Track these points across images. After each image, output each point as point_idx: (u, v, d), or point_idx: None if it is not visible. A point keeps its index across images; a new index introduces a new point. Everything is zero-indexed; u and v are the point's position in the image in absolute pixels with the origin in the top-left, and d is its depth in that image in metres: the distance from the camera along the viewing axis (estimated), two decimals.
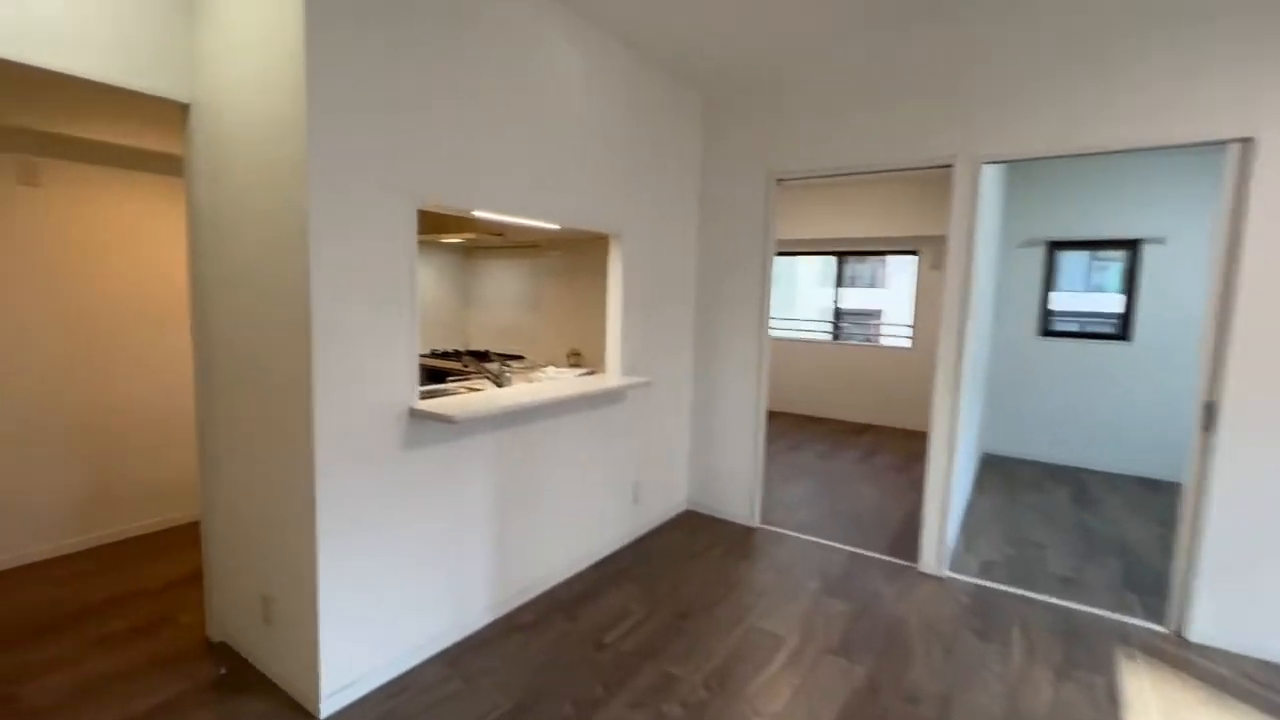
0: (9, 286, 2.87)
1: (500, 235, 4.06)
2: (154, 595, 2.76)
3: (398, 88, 2.05)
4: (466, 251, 4.75)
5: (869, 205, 6.65)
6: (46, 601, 2.67)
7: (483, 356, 4.29)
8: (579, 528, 3.09)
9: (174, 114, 2.13)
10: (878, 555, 3.44)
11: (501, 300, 4.62)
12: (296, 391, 1.92)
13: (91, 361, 3.16)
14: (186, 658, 2.31)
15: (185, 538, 3.36)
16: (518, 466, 2.68)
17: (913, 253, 7.00)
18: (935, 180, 6.18)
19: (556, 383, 2.98)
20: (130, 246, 3.24)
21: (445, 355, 4.33)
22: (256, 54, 1.94)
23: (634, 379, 3.16)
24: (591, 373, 3.33)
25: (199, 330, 2.31)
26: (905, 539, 3.66)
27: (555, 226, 2.87)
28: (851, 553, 3.47)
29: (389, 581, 2.17)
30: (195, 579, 2.86)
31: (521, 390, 2.70)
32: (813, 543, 3.60)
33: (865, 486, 4.73)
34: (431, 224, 3.74)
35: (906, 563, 3.34)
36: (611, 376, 3.23)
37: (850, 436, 6.47)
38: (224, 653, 2.35)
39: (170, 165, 3.28)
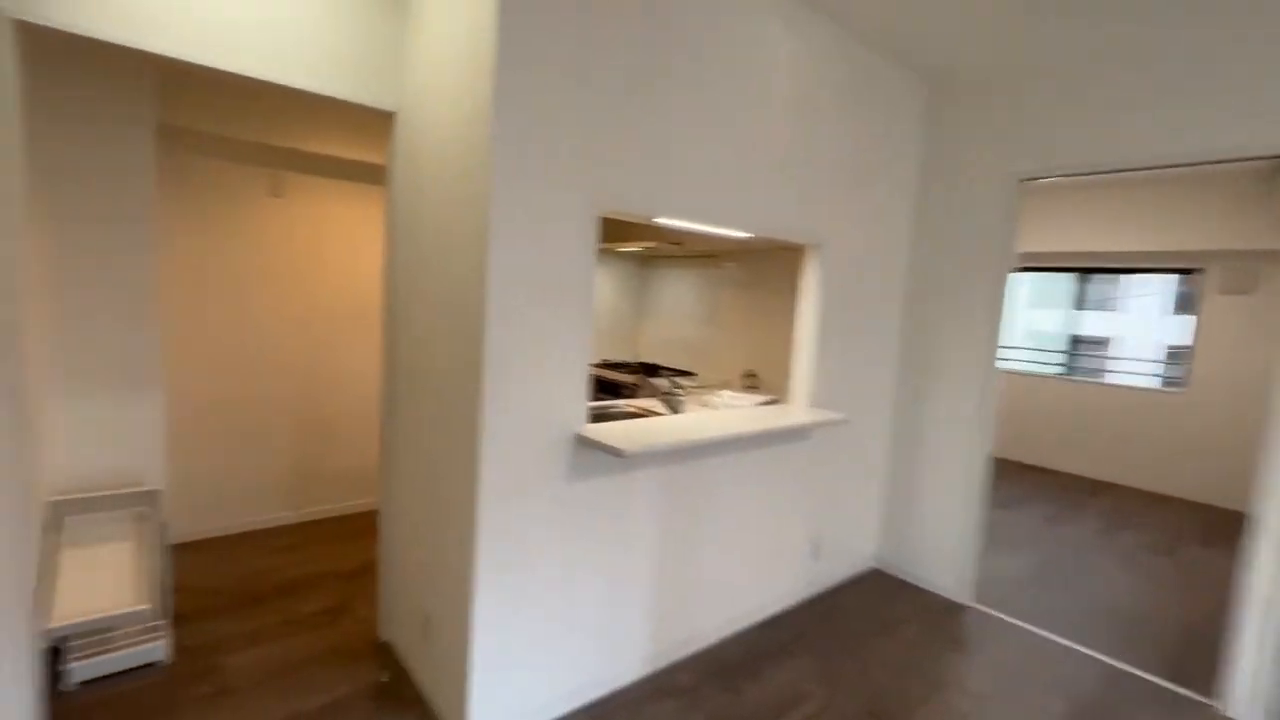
0: (259, 287, 3.26)
1: (678, 244, 3.82)
2: (341, 579, 2.93)
3: (587, 87, 1.86)
4: (642, 260, 4.61)
5: (1131, 212, 5.33)
6: (257, 571, 2.95)
7: (652, 371, 4.08)
8: (748, 579, 2.71)
9: (383, 125, 2.21)
10: (1148, 677, 2.57)
11: (674, 312, 4.39)
12: (466, 407, 1.81)
13: (311, 355, 3.49)
14: (356, 654, 2.36)
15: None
16: (684, 505, 2.37)
17: (1187, 271, 5.51)
18: (1227, 181, 4.75)
19: (736, 413, 2.62)
20: (348, 252, 3.55)
21: (615, 366, 4.21)
22: (451, 59, 1.87)
23: (826, 414, 2.69)
24: (773, 401, 2.93)
25: (388, 335, 2.35)
26: (1190, 659, 2.71)
27: (746, 235, 2.53)
28: (1107, 666, 2.63)
29: (544, 621, 1.99)
30: (375, 569, 2.99)
31: (698, 422, 2.39)
32: (1048, 640, 2.81)
33: (1116, 570, 3.69)
34: (611, 231, 3.61)
35: (1196, 696, 2.44)
36: (798, 409, 2.80)
37: (1083, 497, 5.23)
38: (388, 656, 2.35)
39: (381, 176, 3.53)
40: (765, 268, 3.55)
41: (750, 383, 3.59)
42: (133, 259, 2.44)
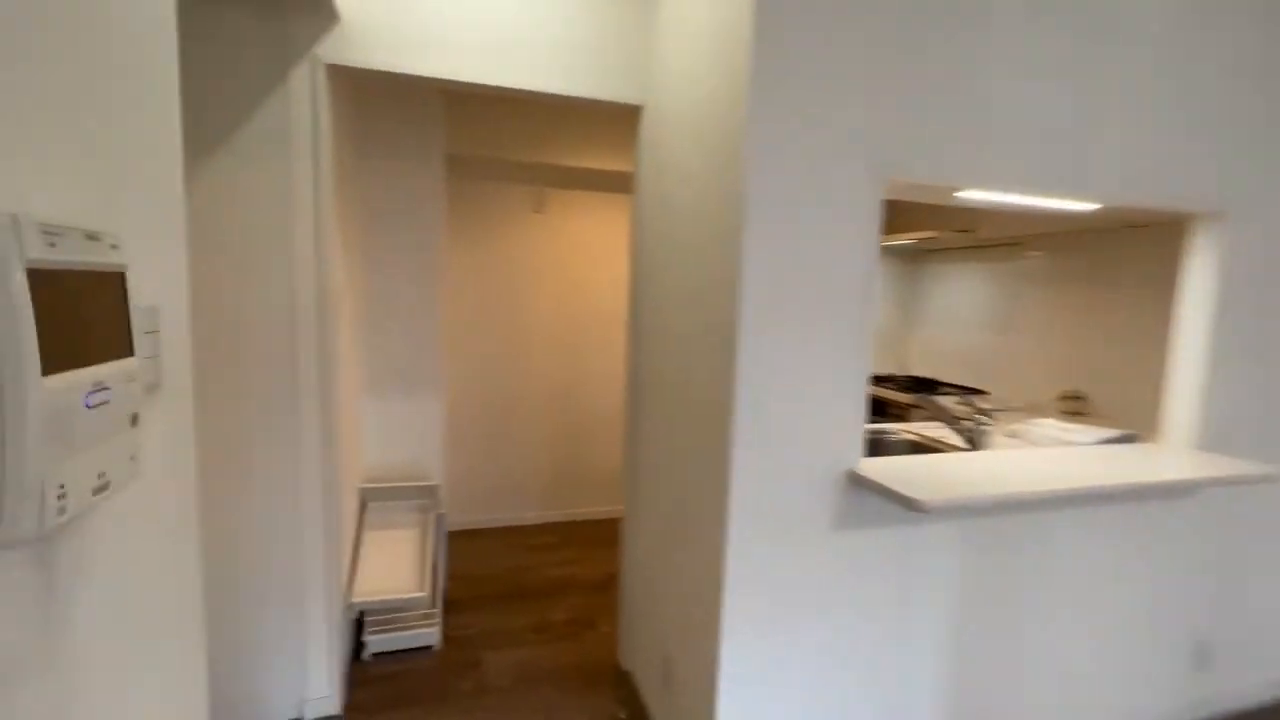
0: (520, 298, 3.50)
1: (966, 231, 3.09)
2: (589, 589, 2.93)
3: (868, 22, 1.44)
4: (913, 255, 3.90)
5: None
6: (518, 567, 3.12)
7: (927, 386, 3.39)
8: (1085, 686, 1.95)
9: (631, 123, 2.10)
10: None
11: (956, 316, 3.60)
12: (714, 431, 1.54)
13: (566, 361, 3.64)
14: (597, 677, 2.27)
15: None
16: (990, 570, 1.77)
17: None
18: None
19: (1075, 456, 1.91)
20: (600, 260, 3.61)
21: (880, 381, 3.60)
22: (702, 27, 1.62)
23: (1232, 466, 1.81)
24: (1126, 438, 2.10)
25: (632, 343, 2.21)
26: None
27: (1088, 208, 1.82)
28: None
29: (803, 696, 1.61)
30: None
31: (1023, 465, 1.77)
32: None
33: None
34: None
35: None
36: (1176, 454, 1.95)
37: None
38: (627, 689, 2.21)
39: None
40: (1096, 255, 2.64)
41: (1073, 407, 2.71)
42: (424, 279, 2.73)
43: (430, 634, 2.38)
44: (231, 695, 1.89)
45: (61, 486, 0.57)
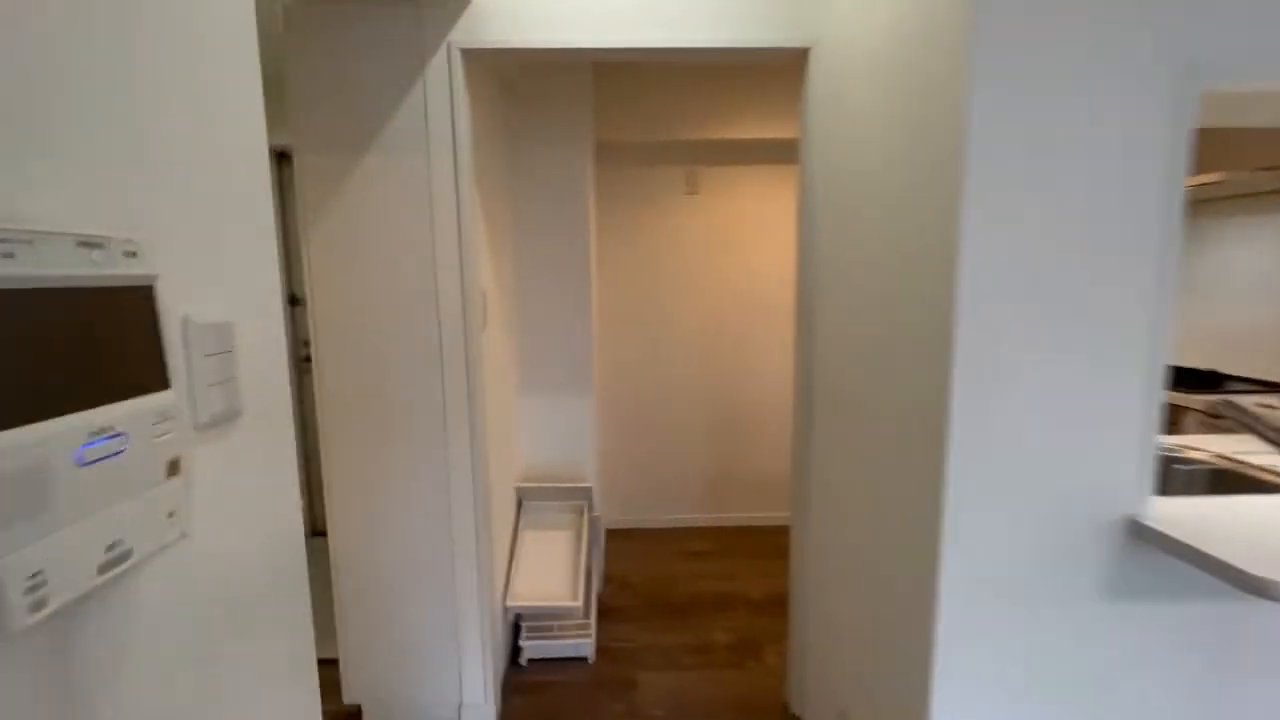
0: (674, 285, 3.27)
1: (1275, 169, 2.25)
2: (752, 608, 2.64)
3: None
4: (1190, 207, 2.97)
5: None
6: (672, 576, 2.92)
7: (1209, 382, 2.55)
8: None
9: (794, 77, 1.74)
10: None
11: (1248, 286, 2.67)
12: (918, 451, 1.16)
13: (724, 353, 3.34)
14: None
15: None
16: None
17: None
18: None
19: None
20: (760, 240, 3.25)
21: None
22: None
23: None
24: None
25: (801, 335, 1.86)
26: None
27: None
28: None
29: None
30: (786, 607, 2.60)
31: None
32: None
33: None
34: None
35: None
36: None
37: None
38: None
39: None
40: None
41: None
42: (574, 273, 2.61)
43: (584, 645, 2.28)
44: (387, 699, 1.92)
45: (34, 575, 0.43)
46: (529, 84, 2.49)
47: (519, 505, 2.60)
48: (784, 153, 3.10)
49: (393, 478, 1.83)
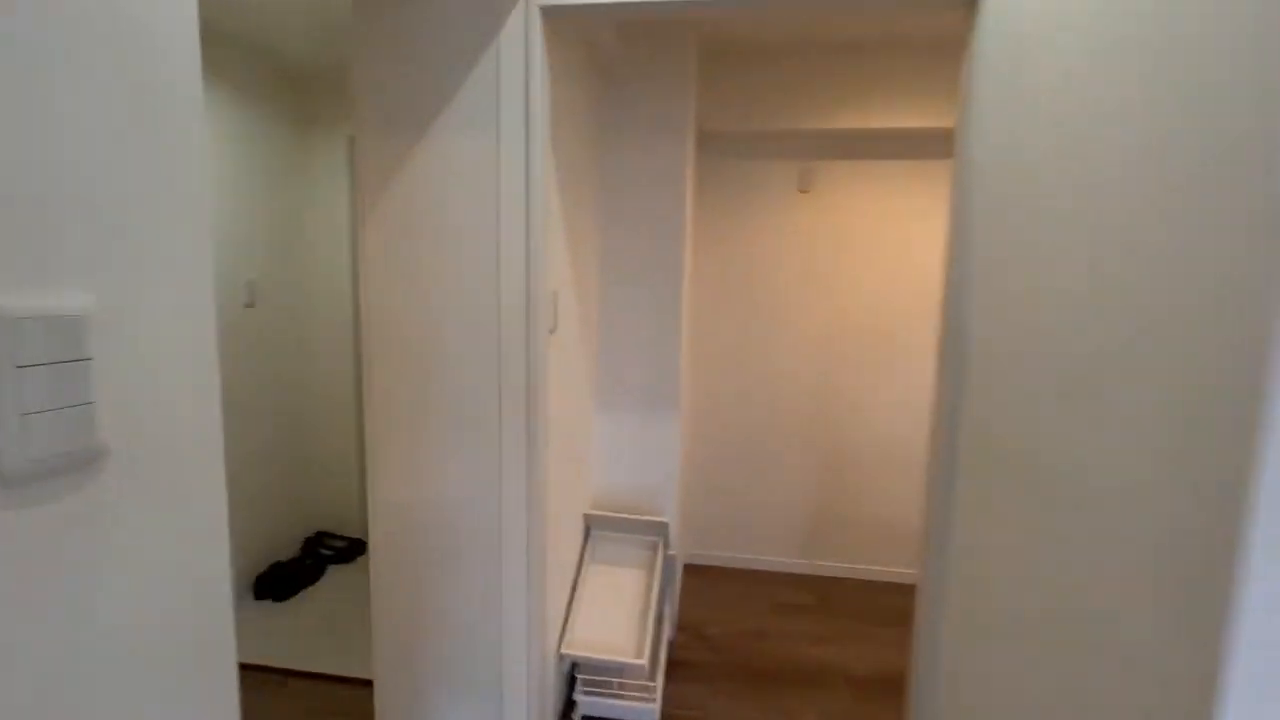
0: (777, 297, 2.88)
1: None
2: (854, 686, 2.19)
3: None
4: None
5: None
6: (757, 632, 2.52)
7: None
8: None
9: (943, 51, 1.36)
10: None
11: None
12: (1169, 568, 0.73)
13: (835, 376, 2.90)
14: None
15: (907, 603, 2.73)
16: None
17: None
18: None
19: None
20: (887, 248, 2.79)
21: None
22: None
23: None
24: None
25: (949, 366, 1.43)
26: None
27: None
28: None
29: None
30: (900, 688, 2.13)
31: None
32: None
33: None
34: None
35: None
36: None
37: None
38: None
39: (935, 146, 2.61)
40: None
41: None
42: (667, 278, 2.32)
43: (648, 710, 1.95)
44: None
45: None
46: (625, 68, 2.24)
47: (587, 534, 2.33)
48: (919, 144, 2.65)
49: (438, 490, 1.62)
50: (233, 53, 2.48)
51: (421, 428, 1.61)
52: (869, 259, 2.80)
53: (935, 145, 2.60)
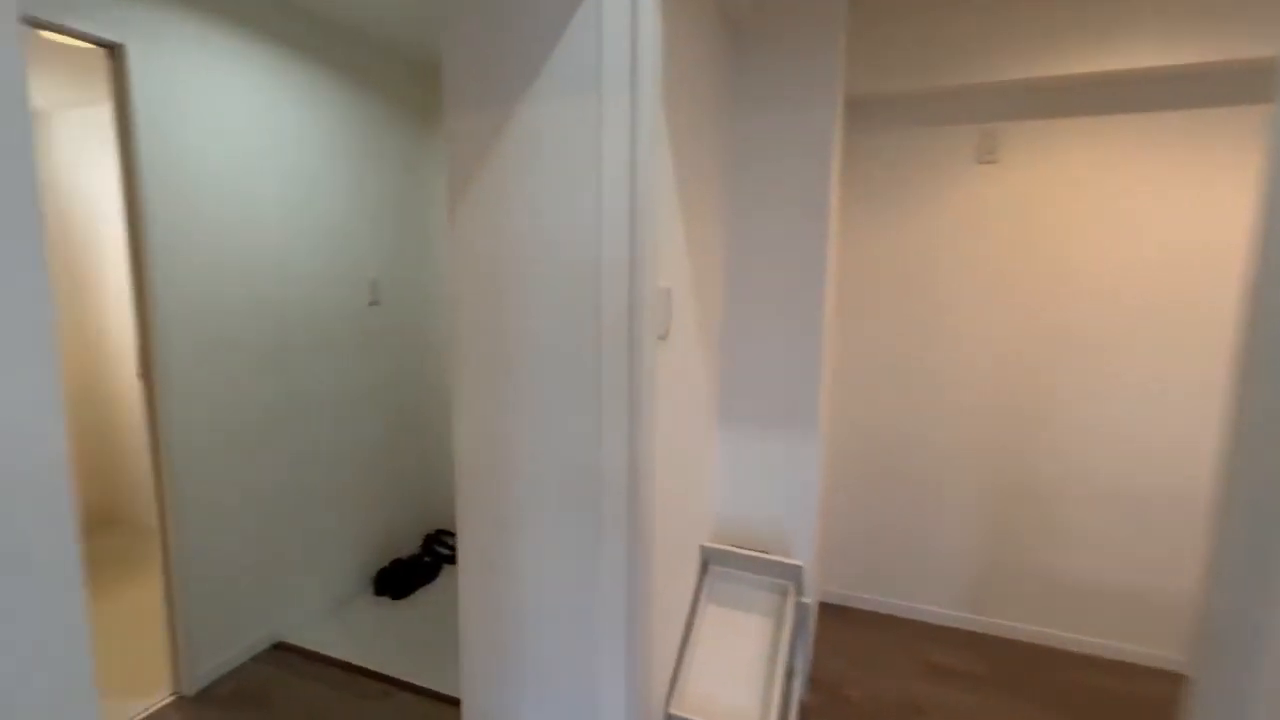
0: (946, 293, 2.36)
1: None
2: None
3: None
4: None
5: None
6: (917, 701, 2.06)
7: None
8: None
9: None
10: None
11: None
12: None
13: (1028, 396, 2.32)
14: None
15: (1119, 686, 2.11)
16: None
17: None
18: None
19: None
20: (1103, 234, 2.16)
21: None
22: None
23: None
24: None
25: (1249, 358, 0.94)
26: None
27: None
28: None
29: None
30: None
31: None
32: None
33: None
34: None
35: None
36: None
37: None
38: None
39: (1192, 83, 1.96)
40: None
41: None
42: (807, 273, 1.94)
43: None
44: None
45: None
46: (760, 22, 1.89)
47: (703, 568, 2.03)
48: (1182, 88, 2.02)
49: (524, 512, 1.42)
50: (354, 48, 2.48)
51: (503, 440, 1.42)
52: (1077, 247, 2.19)
53: (1210, 88, 1.95)
